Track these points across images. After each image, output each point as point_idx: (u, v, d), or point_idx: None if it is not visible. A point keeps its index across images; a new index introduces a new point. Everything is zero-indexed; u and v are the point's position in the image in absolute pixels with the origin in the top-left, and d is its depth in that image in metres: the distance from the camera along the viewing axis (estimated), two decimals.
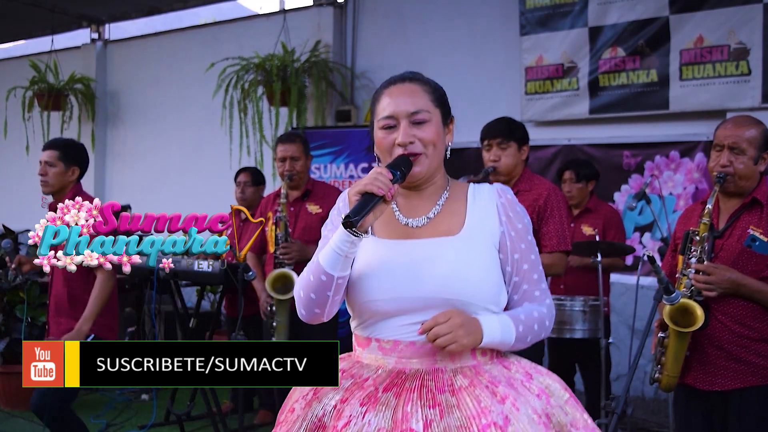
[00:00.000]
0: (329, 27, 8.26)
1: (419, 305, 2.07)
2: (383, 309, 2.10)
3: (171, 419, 6.07)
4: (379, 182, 2.01)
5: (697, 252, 3.27)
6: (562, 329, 5.02)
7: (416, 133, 2.14)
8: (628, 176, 6.52)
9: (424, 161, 2.15)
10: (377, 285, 2.10)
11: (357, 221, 1.97)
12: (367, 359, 2.15)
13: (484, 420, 1.93)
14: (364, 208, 1.99)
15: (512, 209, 2.21)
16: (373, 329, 2.14)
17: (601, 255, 5.11)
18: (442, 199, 2.21)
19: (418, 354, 2.08)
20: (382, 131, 2.17)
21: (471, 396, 1.99)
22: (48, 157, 4.53)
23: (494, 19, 7.33)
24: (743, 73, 5.94)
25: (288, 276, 4.83)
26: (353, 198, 2.03)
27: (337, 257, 2.05)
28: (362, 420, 1.98)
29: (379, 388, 2.05)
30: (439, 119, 2.19)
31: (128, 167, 10.10)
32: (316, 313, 2.16)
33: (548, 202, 4.02)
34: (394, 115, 2.15)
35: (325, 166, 7.30)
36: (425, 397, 2.00)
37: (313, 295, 2.12)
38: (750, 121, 3.35)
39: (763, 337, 3.23)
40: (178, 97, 9.50)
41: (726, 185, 3.30)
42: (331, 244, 2.06)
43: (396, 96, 2.17)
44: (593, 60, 6.64)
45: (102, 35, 10.39)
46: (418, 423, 1.94)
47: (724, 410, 3.26)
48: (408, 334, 2.09)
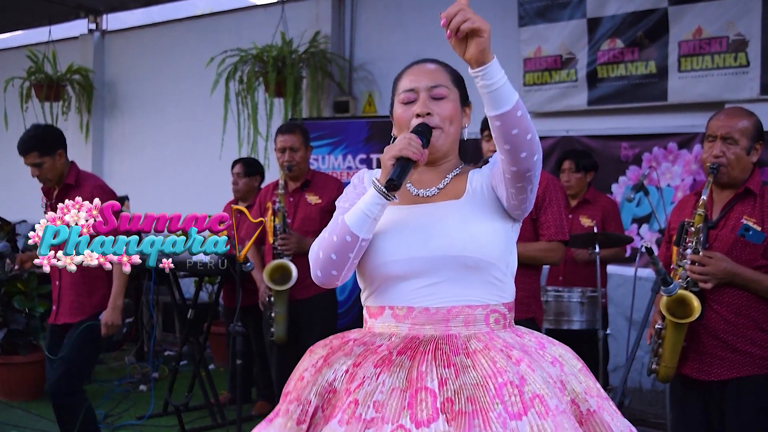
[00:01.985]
0: (327, 18, 8.24)
1: (430, 265, 2.09)
2: (395, 271, 2.12)
3: (169, 410, 6.07)
4: (413, 147, 2.05)
5: (692, 243, 3.29)
6: (560, 320, 5.04)
7: (434, 108, 2.20)
8: (626, 168, 6.53)
9: (441, 135, 2.21)
10: (389, 247, 2.13)
11: (400, 184, 2.03)
12: (380, 328, 2.16)
13: (500, 379, 1.94)
14: (404, 171, 2.04)
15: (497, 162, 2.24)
16: (385, 296, 2.15)
17: (599, 246, 5.12)
18: (452, 173, 2.26)
19: (432, 320, 2.09)
20: (402, 106, 2.24)
21: (486, 357, 2.01)
22: (32, 159, 4.53)
23: (492, 10, 7.30)
24: (742, 65, 5.94)
25: (286, 267, 4.84)
26: (388, 162, 2.06)
27: (365, 219, 2.08)
28: (376, 380, 1.99)
29: (393, 352, 2.06)
30: (457, 98, 2.25)
31: (125, 158, 10.09)
32: (333, 275, 2.16)
33: (546, 192, 4.03)
34: (414, 88, 2.22)
35: (323, 157, 7.30)
36: (440, 358, 2.01)
37: (334, 256, 2.12)
38: (742, 112, 3.37)
39: (758, 327, 3.25)
40: (175, 87, 9.49)
41: (719, 176, 3.31)
42: (360, 206, 2.09)
43: (416, 73, 2.25)
44: (592, 51, 6.64)
45: (99, 26, 10.37)
46: (433, 381, 1.95)
47: (721, 400, 3.28)
48: (421, 299, 2.10)
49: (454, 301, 2.10)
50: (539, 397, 1.94)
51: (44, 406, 6.00)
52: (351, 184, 2.35)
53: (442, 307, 2.09)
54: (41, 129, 4.66)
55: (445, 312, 2.09)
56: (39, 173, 4.56)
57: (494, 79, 1.97)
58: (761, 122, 3.37)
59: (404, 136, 2.09)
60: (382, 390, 1.97)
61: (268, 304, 5.03)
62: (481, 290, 2.12)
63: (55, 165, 4.54)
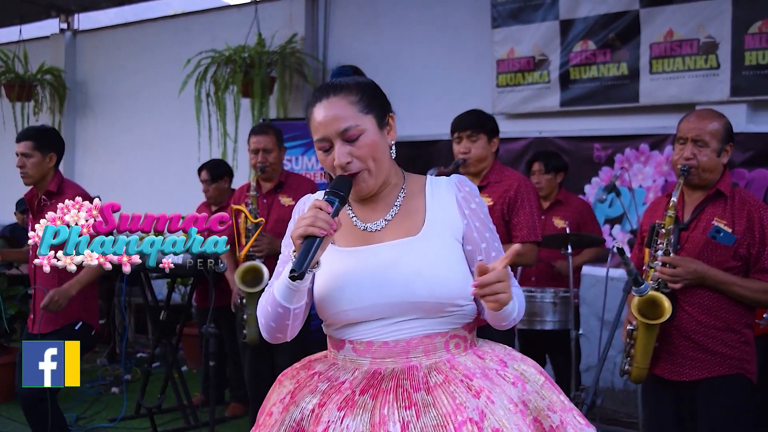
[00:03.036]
0: (301, 18, 8.22)
1: (387, 310, 2.07)
2: (353, 318, 2.10)
3: (141, 412, 6.03)
4: (319, 222, 1.95)
5: (663, 245, 3.31)
6: (532, 321, 5.05)
7: (352, 151, 2.07)
8: (599, 169, 6.56)
9: (368, 178, 2.10)
10: (344, 296, 2.09)
11: (303, 273, 1.94)
12: (342, 361, 2.15)
13: (460, 417, 1.93)
14: (307, 255, 1.94)
15: (473, 200, 2.19)
16: (345, 332, 2.14)
17: (571, 247, 5.14)
18: (399, 200, 2.18)
19: (392, 353, 2.08)
20: (321, 153, 2.13)
21: (446, 393, 1.99)
22: (24, 148, 4.51)
23: (466, 12, 7.34)
24: (712, 67, 5.99)
25: (258, 269, 4.81)
26: (297, 242, 1.98)
27: (290, 292, 2.07)
28: (341, 425, 1.97)
29: (356, 391, 2.04)
30: (374, 126, 2.11)
31: (97, 158, 10.02)
32: (279, 337, 2.19)
33: (518, 194, 4.04)
34: (324, 137, 2.09)
35: (296, 158, 7.28)
36: (401, 397, 2.00)
37: (273, 324, 2.14)
38: (712, 114, 3.39)
39: (729, 327, 3.28)
40: (148, 87, 9.43)
41: (690, 178, 3.33)
42: (282, 279, 2.07)
43: (323, 115, 2.09)
44: (564, 53, 6.67)
45: (71, 25, 10.29)
46: (396, 425, 1.94)
47: (693, 400, 3.30)
48: (381, 335, 2.09)
49: (413, 333, 2.08)
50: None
51: (15, 408, 5.94)
52: (296, 212, 2.29)
53: (402, 339, 2.08)
54: (46, 127, 4.78)
55: (405, 344, 2.08)
56: (23, 164, 4.52)
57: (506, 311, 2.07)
58: (731, 124, 3.40)
59: (313, 205, 1.99)
60: None
61: (240, 305, 5.00)
62: (441, 321, 2.10)
63: (41, 164, 4.52)
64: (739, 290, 3.25)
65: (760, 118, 5.90)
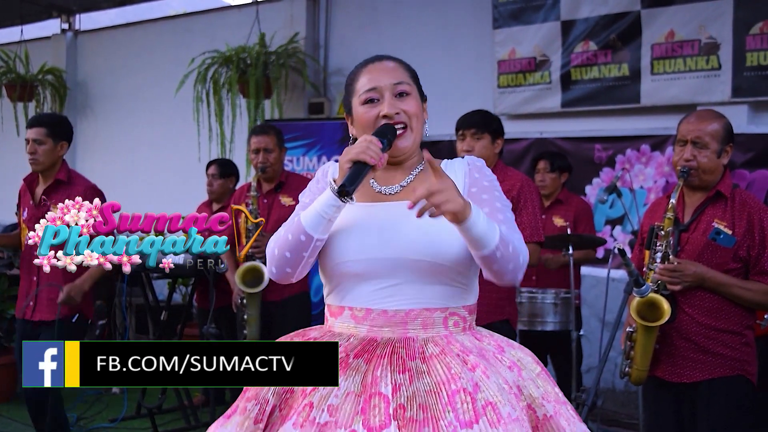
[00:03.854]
0: (302, 19, 8.22)
1: (389, 267, 2.08)
2: (354, 270, 2.10)
3: (142, 412, 6.02)
4: (371, 151, 2.02)
5: (662, 247, 3.30)
6: (533, 321, 5.05)
7: (400, 105, 2.16)
8: (600, 169, 6.55)
9: (409, 135, 2.18)
10: (349, 246, 2.10)
11: (353, 190, 1.99)
12: (339, 328, 2.15)
13: (454, 386, 1.94)
14: (358, 176, 2.01)
15: (479, 171, 2.23)
16: (344, 296, 2.14)
17: (572, 248, 5.13)
18: (416, 170, 2.23)
19: (390, 323, 2.08)
20: (364, 106, 2.18)
21: (441, 363, 2.00)
22: (36, 134, 4.52)
23: (467, 13, 7.33)
24: (713, 68, 5.98)
25: (258, 269, 4.81)
26: (345, 166, 2.03)
27: (320, 219, 2.06)
28: None
29: (350, 355, 2.05)
30: (418, 95, 2.22)
31: (98, 158, 10.00)
32: (287, 272, 2.16)
33: (521, 194, 4.03)
34: (377, 87, 2.17)
35: (297, 159, 7.27)
36: (395, 363, 2.01)
37: (288, 254, 2.11)
38: (712, 114, 3.38)
39: (729, 329, 3.27)
40: (148, 87, 9.42)
41: (690, 179, 3.33)
42: (315, 207, 2.07)
43: (376, 72, 2.20)
44: (565, 54, 6.66)
45: (72, 25, 10.28)
46: (387, 387, 1.94)
47: (693, 401, 3.30)
48: (380, 301, 2.09)
49: (412, 304, 2.09)
50: (492, 405, 1.94)
51: (15, 408, 5.94)
52: (315, 177, 2.32)
53: (401, 309, 2.08)
54: (59, 115, 4.79)
55: (404, 315, 2.08)
56: (35, 150, 4.52)
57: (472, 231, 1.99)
58: (731, 124, 3.39)
59: (364, 138, 2.06)
60: (337, 394, 1.96)
61: (240, 306, 5.00)
62: (440, 293, 2.10)
63: (53, 152, 4.54)
64: (739, 292, 3.24)
65: (761, 119, 5.90)
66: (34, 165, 4.58)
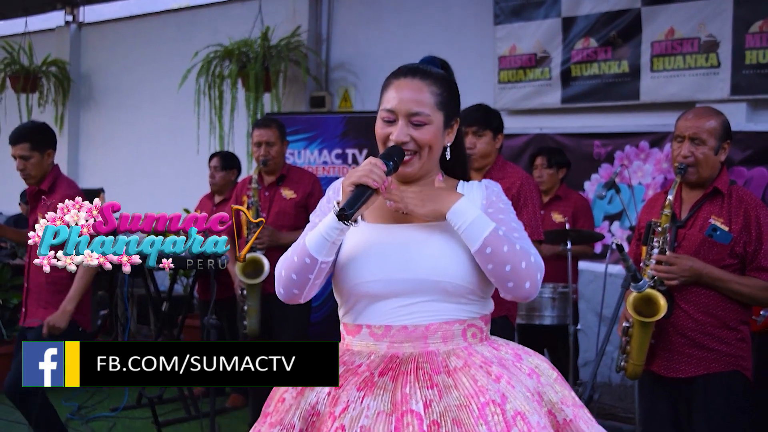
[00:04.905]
0: (305, 13, 8.21)
1: (409, 287, 2.06)
2: (373, 291, 2.08)
3: (143, 402, 6.04)
4: (374, 174, 1.99)
5: (659, 243, 3.30)
6: (531, 315, 5.05)
7: (412, 133, 2.11)
8: (599, 165, 6.55)
9: (416, 162, 2.14)
10: (367, 267, 2.08)
11: (352, 214, 1.97)
12: (358, 346, 2.12)
13: (483, 398, 1.93)
14: (358, 200, 1.99)
15: (496, 195, 2.22)
16: (362, 315, 2.11)
17: (570, 243, 5.13)
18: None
19: (411, 338, 2.06)
20: (382, 122, 2.15)
21: (467, 376, 1.99)
22: (21, 151, 4.46)
23: (469, 9, 7.33)
24: (713, 65, 5.98)
25: (259, 261, 4.81)
26: (347, 189, 2.02)
27: (324, 242, 2.04)
28: (361, 404, 1.96)
29: (374, 373, 2.03)
30: (441, 122, 2.15)
31: (101, 150, 10.01)
32: (295, 294, 2.14)
33: (521, 192, 4.02)
34: (394, 110, 2.12)
35: (299, 152, 7.26)
36: (422, 378, 1.99)
37: (295, 276, 2.09)
38: (710, 111, 3.38)
39: (725, 324, 3.27)
40: (151, 79, 9.42)
41: (687, 176, 3.32)
42: (319, 229, 2.05)
43: (401, 91, 2.13)
44: (566, 50, 6.66)
45: (76, 18, 10.27)
46: (418, 404, 1.93)
47: (689, 397, 3.30)
48: (399, 317, 2.07)
49: (431, 319, 2.07)
50: (521, 415, 1.94)
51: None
52: (326, 196, 2.29)
53: (420, 324, 2.06)
54: (38, 125, 4.63)
55: (424, 329, 2.06)
56: (24, 167, 4.48)
57: (457, 224, 2.04)
58: (728, 121, 3.38)
59: (369, 161, 2.04)
60: (367, 414, 1.94)
61: (241, 297, 5.00)
62: (459, 308, 2.09)
63: (41, 163, 4.48)
64: (735, 288, 3.24)
65: (760, 116, 5.90)
66: (26, 179, 4.53)
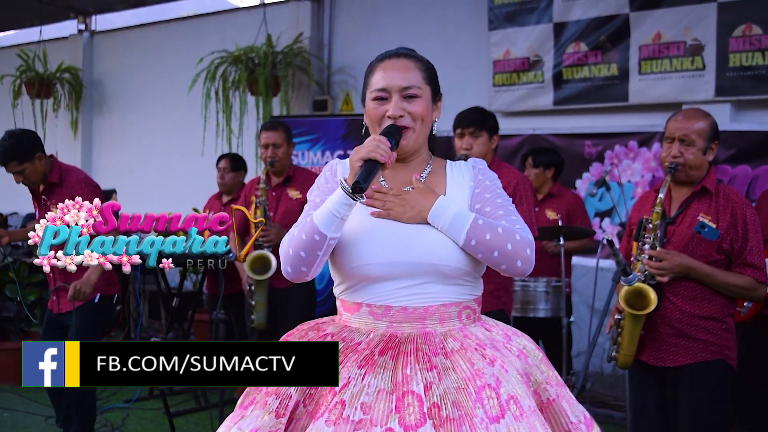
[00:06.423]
0: (307, 20, 8.22)
1: (410, 269, 2.06)
2: (375, 273, 2.06)
3: (155, 393, 6.06)
4: (381, 150, 2.01)
5: (650, 239, 3.31)
6: (526, 309, 5.07)
7: (406, 107, 2.14)
8: (590, 164, 6.56)
9: (412, 135, 2.16)
10: (369, 250, 2.07)
11: (367, 186, 1.98)
12: (357, 323, 2.11)
13: (479, 382, 1.94)
14: (370, 174, 2.00)
15: (482, 173, 2.24)
16: (362, 294, 2.10)
17: (563, 239, 5.14)
18: (425, 172, 2.22)
19: (410, 319, 2.06)
20: (374, 102, 2.17)
21: (464, 359, 1.99)
22: (12, 168, 4.42)
23: (464, 15, 7.34)
24: (698, 68, 5.99)
25: (266, 257, 4.83)
26: (356, 164, 2.02)
27: (333, 218, 2.03)
28: (362, 381, 1.95)
29: (374, 352, 2.01)
30: (429, 96, 2.19)
31: (113, 153, 10.02)
32: (303, 272, 2.11)
33: (516, 191, 4.03)
34: (386, 88, 2.15)
35: (302, 153, 7.28)
36: (422, 360, 1.98)
37: (303, 253, 2.07)
38: (699, 113, 3.39)
39: (710, 315, 3.28)
40: (161, 85, 9.43)
41: (677, 175, 3.33)
42: (327, 206, 2.04)
43: (389, 70, 2.17)
44: (557, 54, 6.67)
45: (89, 26, 10.27)
46: (419, 385, 1.92)
47: (676, 384, 3.31)
48: (399, 299, 2.06)
49: (430, 301, 2.07)
50: (514, 399, 1.95)
51: (34, 389, 5.95)
52: (322, 175, 2.29)
53: (420, 306, 2.07)
54: (16, 136, 4.43)
55: (423, 311, 2.06)
56: (22, 179, 4.46)
57: (439, 225, 2.07)
58: (716, 123, 3.40)
59: (373, 138, 2.05)
60: (368, 392, 1.92)
61: (249, 292, 5.02)
62: (455, 290, 2.10)
63: (36, 168, 4.43)
64: (722, 282, 3.25)
65: (743, 117, 5.91)
66: (32, 186, 4.52)
